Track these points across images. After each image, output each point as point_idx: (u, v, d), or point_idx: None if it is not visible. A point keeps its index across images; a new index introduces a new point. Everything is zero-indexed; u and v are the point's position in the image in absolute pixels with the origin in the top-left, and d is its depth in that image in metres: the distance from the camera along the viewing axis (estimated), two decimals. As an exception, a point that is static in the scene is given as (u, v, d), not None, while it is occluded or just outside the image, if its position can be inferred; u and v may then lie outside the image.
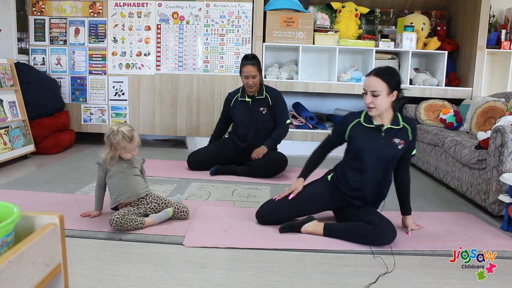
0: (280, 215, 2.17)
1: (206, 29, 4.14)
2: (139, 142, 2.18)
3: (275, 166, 3.20)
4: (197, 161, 3.37)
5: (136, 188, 2.18)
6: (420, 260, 1.88)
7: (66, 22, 4.20)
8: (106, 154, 2.15)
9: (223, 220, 2.26)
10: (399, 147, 2.02)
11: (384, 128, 2.02)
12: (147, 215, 2.18)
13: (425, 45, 4.26)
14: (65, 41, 4.22)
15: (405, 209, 2.19)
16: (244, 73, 3.19)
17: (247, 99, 3.27)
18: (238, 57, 4.13)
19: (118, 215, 2.03)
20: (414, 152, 2.10)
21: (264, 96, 3.27)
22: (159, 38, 4.17)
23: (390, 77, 1.96)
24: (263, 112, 3.26)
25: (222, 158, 3.33)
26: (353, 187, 2.08)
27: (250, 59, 3.23)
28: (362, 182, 2.06)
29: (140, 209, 2.17)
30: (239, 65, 3.31)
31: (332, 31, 4.20)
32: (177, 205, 2.24)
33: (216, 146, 3.44)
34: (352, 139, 2.07)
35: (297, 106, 4.40)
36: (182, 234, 2.03)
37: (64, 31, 4.21)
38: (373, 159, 2.02)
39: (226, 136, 3.46)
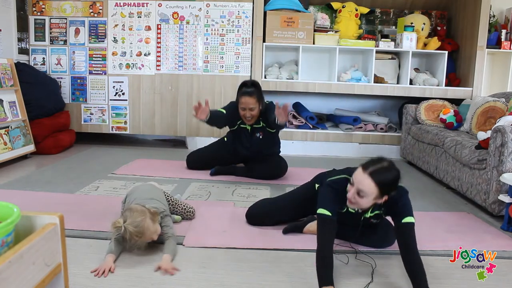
0: (270, 217, 2.18)
1: (206, 29, 4.14)
2: (156, 231, 1.81)
3: (275, 173, 3.19)
4: (196, 161, 3.37)
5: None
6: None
7: (66, 22, 4.20)
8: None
9: (223, 220, 2.26)
10: (374, 221, 1.86)
11: (363, 217, 1.83)
12: None
13: (425, 45, 4.26)
14: (65, 41, 4.22)
15: None
16: (241, 104, 2.89)
17: (247, 127, 3.10)
18: (238, 57, 4.13)
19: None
20: (408, 219, 1.64)
21: (261, 125, 3.07)
22: (159, 38, 4.17)
23: (385, 183, 1.60)
24: (260, 137, 3.11)
25: (222, 158, 3.32)
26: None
27: (249, 87, 2.90)
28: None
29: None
30: (236, 95, 3.02)
31: (332, 31, 4.20)
32: (184, 206, 2.24)
33: (215, 146, 3.43)
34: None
35: (297, 106, 4.40)
36: (182, 234, 2.03)
37: (64, 31, 4.21)
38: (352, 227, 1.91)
39: (225, 139, 3.43)
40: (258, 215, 2.20)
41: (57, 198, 2.54)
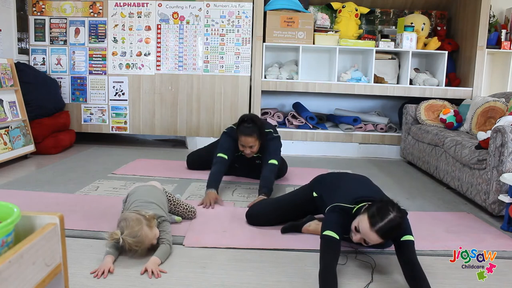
0: (269, 218, 2.19)
1: (206, 29, 4.14)
2: (155, 235, 1.80)
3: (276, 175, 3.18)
4: (196, 161, 3.37)
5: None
6: (420, 260, 1.86)
7: (66, 22, 4.20)
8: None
9: (223, 220, 2.26)
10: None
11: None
12: None
13: (425, 45, 4.26)
14: (65, 41, 4.21)
15: None
16: (241, 141, 2.77)
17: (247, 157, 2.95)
18: (238, 57, 4.13)
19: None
20: (408, 237, 1.66)
21: (259, 155, 2.95)
22: (159, 38, 4.17)
23: (392, 235, 1.65)
24: (259, 163, 2.99)
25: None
26: None
27: (249, 123, 2.73)
28: None
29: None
30: (237, 127, 2.80)
31: (332, 31, 4.20)
32: (186, 206, 2.24)
33: (215, 146, 3.42)
34: None
35: (297, 106, 4.40)
36: (182, 234, 2.03)
37: (64, 31, 4.20)
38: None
39: None
40: (258, 216, 2.21)
41: (57, 198, 2.54)
